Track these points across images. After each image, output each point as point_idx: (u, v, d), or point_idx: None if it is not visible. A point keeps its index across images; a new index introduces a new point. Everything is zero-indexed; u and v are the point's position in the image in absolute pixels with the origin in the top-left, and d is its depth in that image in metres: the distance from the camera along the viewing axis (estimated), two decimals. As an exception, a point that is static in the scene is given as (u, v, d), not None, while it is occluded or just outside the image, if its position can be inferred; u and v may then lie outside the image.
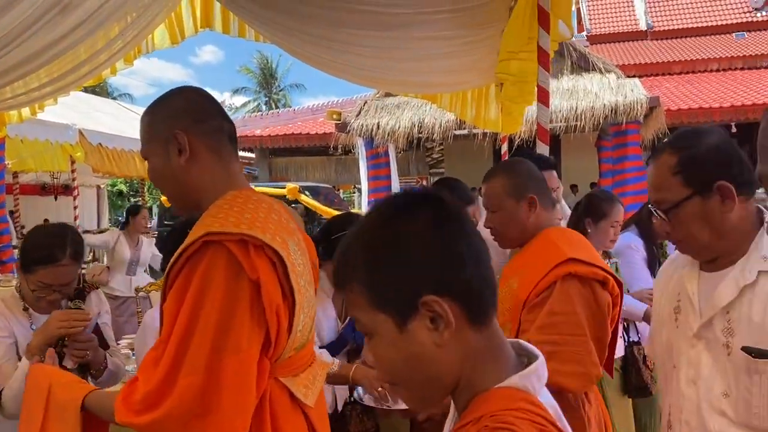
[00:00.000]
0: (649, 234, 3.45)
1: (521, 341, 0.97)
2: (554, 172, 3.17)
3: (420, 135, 12.08)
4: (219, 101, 1.82)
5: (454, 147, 13.26)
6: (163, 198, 10.64)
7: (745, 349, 1.40)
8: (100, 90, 27.34)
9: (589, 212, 3.09)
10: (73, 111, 8.61)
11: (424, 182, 13.85)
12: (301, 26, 3.87)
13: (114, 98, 25.67)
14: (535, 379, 0.87)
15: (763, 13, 21.13)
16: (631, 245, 3.53)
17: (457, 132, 11.68)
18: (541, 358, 0.91)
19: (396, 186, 11.97)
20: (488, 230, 2.15)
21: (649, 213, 3.57)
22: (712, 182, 1.44)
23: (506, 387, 0.85)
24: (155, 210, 16.82)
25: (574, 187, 14.73)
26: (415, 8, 3.38)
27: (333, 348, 2.58)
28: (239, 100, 40.96)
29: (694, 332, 1.55)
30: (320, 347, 2.52)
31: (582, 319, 1.85)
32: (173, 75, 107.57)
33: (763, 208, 1.53)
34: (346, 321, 2.67)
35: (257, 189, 6.59)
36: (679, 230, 1.53)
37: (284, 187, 7.99)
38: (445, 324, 0.85)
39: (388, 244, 0.89)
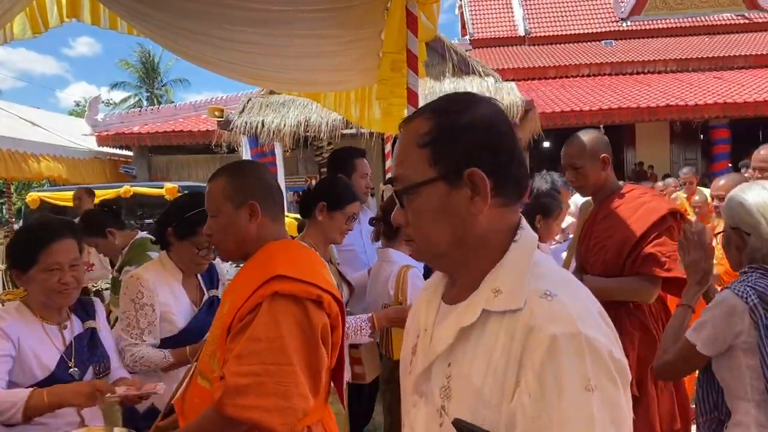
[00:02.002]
0: None
1: None
2: (365, 160, 3.49)
3: (307, 134, 12.00)
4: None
5: (345, 146, 13.28)
6: (29, 198, 9.96)
7: (455, 423, 1.02)
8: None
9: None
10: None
11: (314, 182, 13.79)
12: (176, 21, 3.72)
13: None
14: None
15: (629, 23, 22.77)
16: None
17: (345, 131, 11.70)
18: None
19: (282, 186, 11.83)
20: None
21: (530, 214, 3.74)
22: (464, 167, 1.05)
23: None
24: (23, 210, 15.65)
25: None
26: (293, 5, 3.34)
27: (188, 334, 2.49)
28: (118, 95, 39.09)
29: (411, 386, 1.17)
30: (177, 333, 2.47)
31: (289, 345, 1.62)
32: (45, 68, 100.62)
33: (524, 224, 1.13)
34: (202, 305, 2.59)
35: (132, 189, 6.25)
36: (413, 224, 1.11)
37: (162, 187, 7.67)
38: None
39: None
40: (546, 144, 18.97)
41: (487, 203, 1.05)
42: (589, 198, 2.96)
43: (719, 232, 2.16)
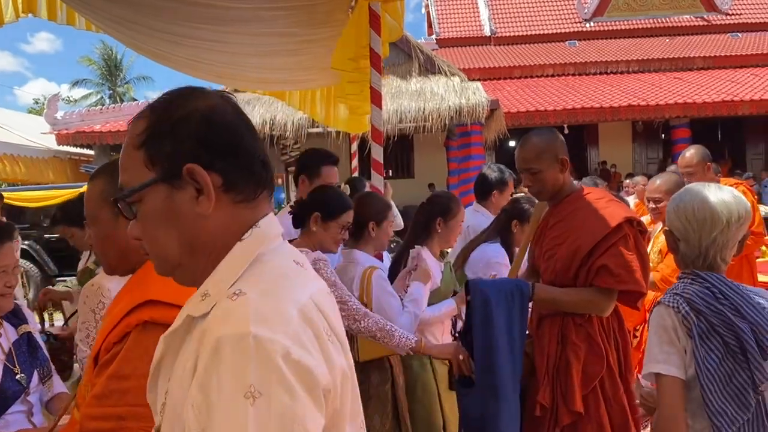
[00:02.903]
0: (509, 244, 3.42)
1: None
2: (334, 168, 3.37)
3: (273, 132, 11.92)
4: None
5: (311, 146, 13.20)
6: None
7: None
8: None
9: (441, 211, 3.11)
10: None
11: (281, 180, 13.69)
12: (135, 17, 3.64)
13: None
14: None
15: (592, 24, 23.12)
16: (500, 260, 3.30)
17: (311, 130, 11.66)
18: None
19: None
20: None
21: (507, 218, 3.63)
22: (181, 164, 0.96)
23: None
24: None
25: (431, 186, 15.25)
26: (253, 3, 3.30)
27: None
28: (79, 92, 38.12)
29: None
30: None
31: None
32: (1, 64, 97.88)
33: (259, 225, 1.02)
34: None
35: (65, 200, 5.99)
36: (144, 236, 1.01)
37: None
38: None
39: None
40: (511, 143, 19.17)
41: (211, 202, 0.96)
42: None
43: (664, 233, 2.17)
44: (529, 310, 2.61)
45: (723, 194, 1.86)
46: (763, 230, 4.21)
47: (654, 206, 3.73)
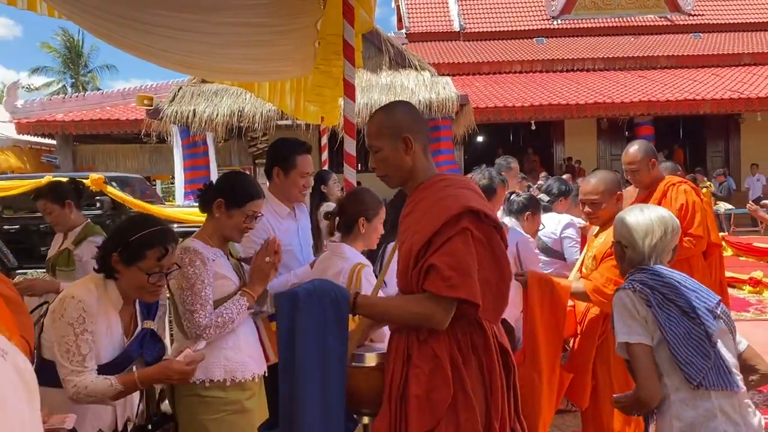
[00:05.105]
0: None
1: None
2: (308, 157, 3.25)
3: (241, 124, 11.80)
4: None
5: (280, 137, 13.11)
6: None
7: None
8: None
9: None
10: None
11: (248, 173, 13.56)
12: (101, 3, 3.56)
13: None
14: None
15: (560, 21, 23.38)
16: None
17: (280, 122, 11.57)
18: None
19: (215, 176, 11.61)
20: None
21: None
22: None
23: None
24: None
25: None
26: (225, -8, 3.26)
27: (115, 366, 2.30)
28: (39, 80, 37.13)
29: None
30: (99, 366, 2.24)
31: None
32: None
33: None
34: (133, 336, 2.40)
35: (54, 179, 5.93)
36: None
37: (87, 178, 7.38)
38: None
39: None
40: (480, 138, 19.29)
41: None
42: None
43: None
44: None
45: (659, 211, 2.39)
46: (703, 233, 3.95)
47: (589, 210, 3.29)
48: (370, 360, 2.19)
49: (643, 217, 2.34)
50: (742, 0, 23.53)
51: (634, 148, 4.10)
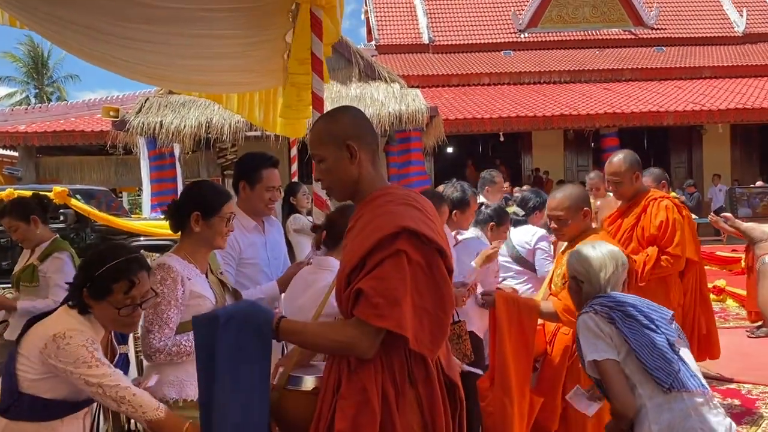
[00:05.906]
0: None
1: None
2: (275, 171, 3.24)
3: (209, 135, 11.69)
4: None
5: (249, 149, 13.00)
6: None
7: None
8: None
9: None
10: None
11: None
12: (66, 14, 3.48)
13: None
14: None
15: (527, 34, 23.70)
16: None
17: (249, 133, 11.49)
18: None
19: (182, 188, 11.49)
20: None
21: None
22: None
23: None
24: None
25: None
26: (193, 3, 3.22)
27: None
28: (2, 90, 36.35)
29: None
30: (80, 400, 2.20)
31: None
32: None
33: None
34: (115, 362, 2.33)
35: (16, 192, 5.81)
36: None
37: (50, 190, 7.22)
38: None
39: None
40: (449, 150, 19.42)
41: None
42: None
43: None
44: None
45: (609, 246, 2.61)
46: (681, 253, 3.77)
47: (555, 226, 3.23)
48: (307, 383, 1.97)
49: (596, 253, 2.55)
50: (702, 15, 24.17)
51: (618, 159, 3.92)
